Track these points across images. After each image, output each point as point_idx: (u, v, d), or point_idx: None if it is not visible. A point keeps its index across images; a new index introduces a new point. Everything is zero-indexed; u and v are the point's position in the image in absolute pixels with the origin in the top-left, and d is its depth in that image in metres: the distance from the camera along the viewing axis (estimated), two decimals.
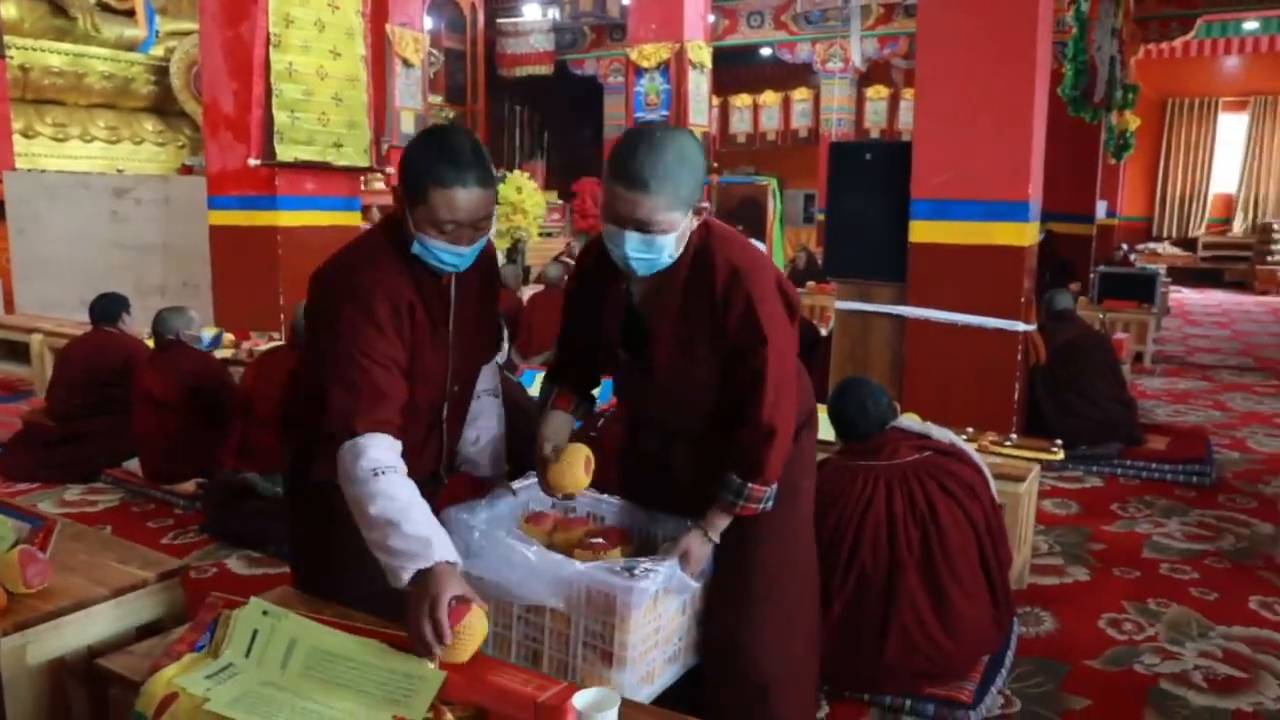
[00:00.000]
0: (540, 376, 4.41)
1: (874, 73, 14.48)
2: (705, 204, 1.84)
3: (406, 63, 12.04)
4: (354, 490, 1.65)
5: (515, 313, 6.77)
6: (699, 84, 10.33)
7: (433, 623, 1.49)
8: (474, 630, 1.54)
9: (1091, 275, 9.36)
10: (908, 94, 14.18)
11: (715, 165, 10.87)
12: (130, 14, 10.21)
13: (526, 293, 7.63)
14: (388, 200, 11.20)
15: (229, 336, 5.55)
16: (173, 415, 4.13)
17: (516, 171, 13.18)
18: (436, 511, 1.75)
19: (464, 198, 1.72)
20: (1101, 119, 9.18)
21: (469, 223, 1.75)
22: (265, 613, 1.63)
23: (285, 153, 6.20)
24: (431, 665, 1.51)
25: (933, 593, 2.54)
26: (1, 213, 7.80)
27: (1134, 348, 7.91)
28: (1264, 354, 8.97)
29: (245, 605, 1.65)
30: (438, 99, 14.56)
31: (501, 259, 12.87)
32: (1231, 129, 16.29)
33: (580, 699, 1.42)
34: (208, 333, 4.88)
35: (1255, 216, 15.99)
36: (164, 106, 9.82)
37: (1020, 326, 4.36)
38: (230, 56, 6.33)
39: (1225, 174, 16.42)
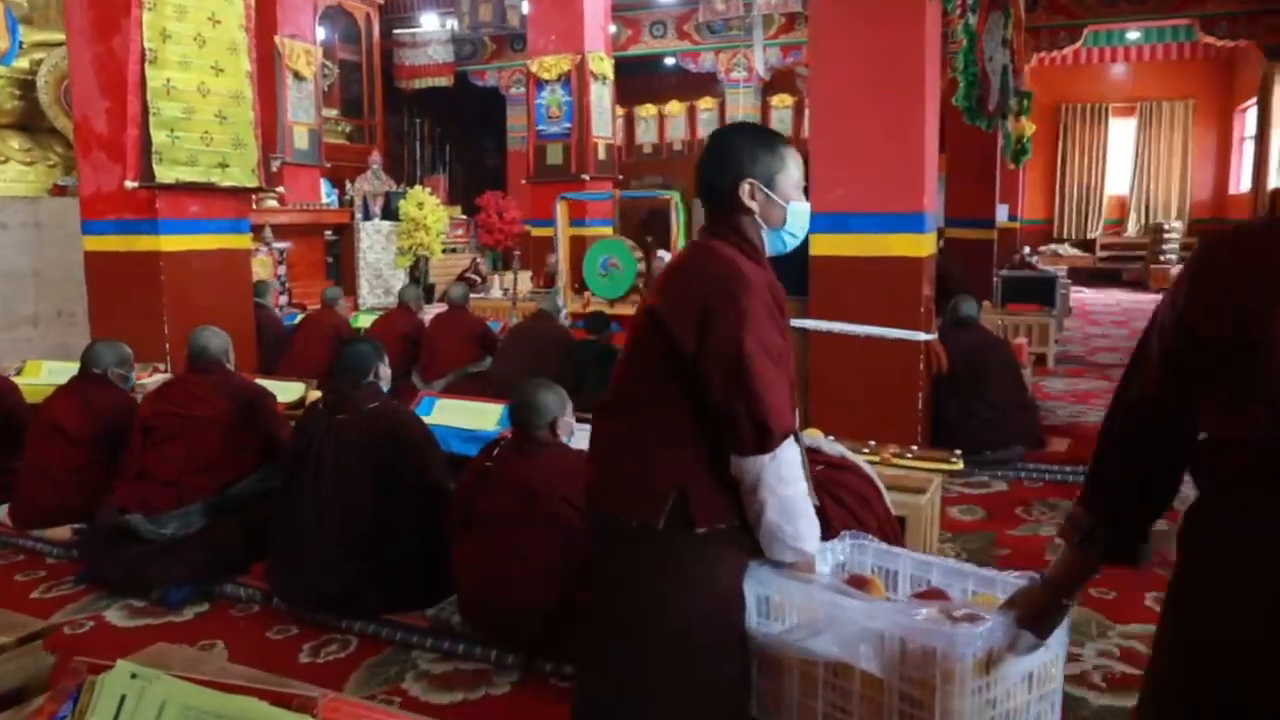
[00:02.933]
0: (441, 404, 4.37)
1: (778, 81, 14.77)
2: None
3: (298, 76, 11.83)
4: (796, 487, 1.87)
5: (417, 334, 6.69)
6: (601, 95, 10.38)
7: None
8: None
9: (994, 279, 9.70)
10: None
11: (620, 177, 10.93)
12: None
13: (429, 313, 7.54)
14: (282, 219, 10.96)
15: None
16: (79, 449, 4.00)
17: (417, 187, 13.03)
18: None
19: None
20: (997, 126, 9.53)
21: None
22: (134, 675, 1.57)
23: (165, 174, 6.01)
24: None
25: None
26: None
27: (1036, 350, 8.22)
28: None
29: (111, 669, 1.59)
30: (333, 112, 14.31)
31: (403, 278, 12.70)
32: (1122, 133, 17.09)
33: None
34: (134, 372, 4.62)
35: (1147, 217, 16.81)
36: (31, 123, 9.37)
37: (921, 336, 4.49)
38: (102, 73, 6.10)
39: (1118, 177, 17.22)
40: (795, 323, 4.75)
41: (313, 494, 3.28)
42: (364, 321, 7.32)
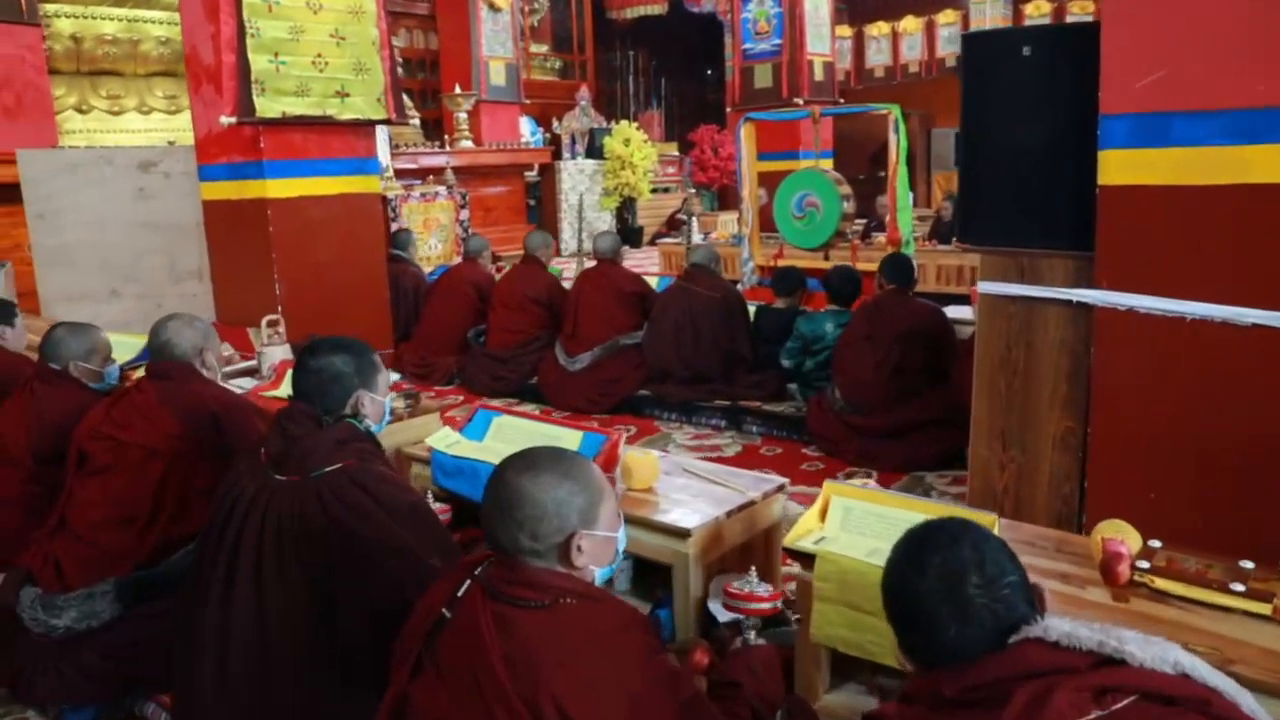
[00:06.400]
0: (502, 423, 2.87)
1: None
2: None
3: (493, 6, 10.65)
4: None
5: (550, 296, 5.20)
6: (817, 5, 8.43)
7: None
8: None
9: None
10: (1074, 8, 11.68)
11: (841, 101, 8.94)
12: None
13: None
14: (481, 160, 9.89)
15: None
16: (14, 474, 2.84)
17: (624, 123, 11.65)
18: None
19: None
20: None
21: None
22: None
23: (268, 107, 4.86)
24: None
25: None
26: (19, 195, 6.89)
27: None
28: None
29: None
30: (542, 48, 13.17)
31: (610, 220, 11.41)
32: None
33: None
34: (115, 366, 3.25)
35: None
36: None
37: None
38: None
39: None
40: (1074, 294, 2.83)
41: (222, 599, 1.89)
42: None
